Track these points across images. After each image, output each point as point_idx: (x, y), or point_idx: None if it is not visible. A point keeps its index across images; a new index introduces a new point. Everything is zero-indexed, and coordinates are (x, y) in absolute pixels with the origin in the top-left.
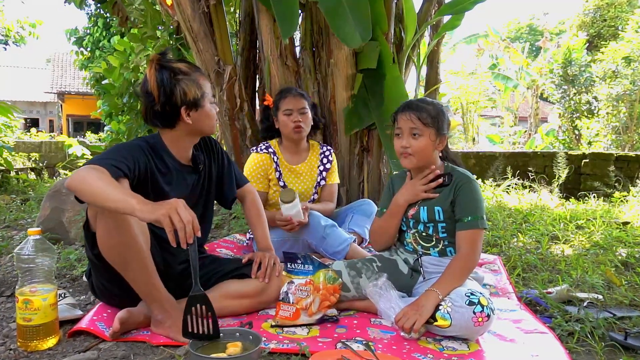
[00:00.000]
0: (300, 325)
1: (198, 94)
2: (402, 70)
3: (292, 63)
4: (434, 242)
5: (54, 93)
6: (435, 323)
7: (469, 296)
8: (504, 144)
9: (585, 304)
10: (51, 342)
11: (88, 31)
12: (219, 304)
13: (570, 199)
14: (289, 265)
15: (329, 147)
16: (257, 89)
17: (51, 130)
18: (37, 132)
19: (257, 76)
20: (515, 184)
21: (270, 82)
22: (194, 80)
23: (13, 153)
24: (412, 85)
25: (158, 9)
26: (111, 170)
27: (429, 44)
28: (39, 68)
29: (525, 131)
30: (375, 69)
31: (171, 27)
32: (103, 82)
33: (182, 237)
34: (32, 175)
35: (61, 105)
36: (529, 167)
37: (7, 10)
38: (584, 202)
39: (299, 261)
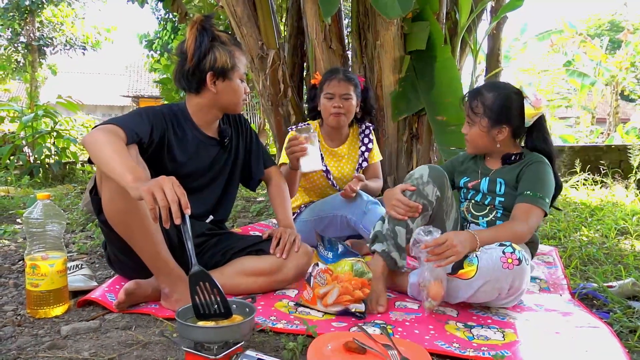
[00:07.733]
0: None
1: (229, 64)
2: (456, 54)
3: (337, 46)
4: (486, 211)
5: (130, 97)
6: (461, 270)
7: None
8: (579, 144)
9: None
10: (59, 310)
11: (158, 35)
12: (233, 281)
13: None
14: (319, 247)
15: (368, 124)
16: (304, 76)
17: None
18: None
19: (305, 64)
20: (585, 179)
21: (315, 66)
22: (229, 51)
23: (79, 146)
24: (469, 73)
25: (213, 1)
26: (129, 134)
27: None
28: (118, 74)
29: (603, 132)
30: (425, 51)
31: (227, 21)
32: (161, 77)
33: (165, 215)
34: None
35: (136, 107)
36: (602, 161)
37: (86, 18)
38: None
39: (323, 244)
